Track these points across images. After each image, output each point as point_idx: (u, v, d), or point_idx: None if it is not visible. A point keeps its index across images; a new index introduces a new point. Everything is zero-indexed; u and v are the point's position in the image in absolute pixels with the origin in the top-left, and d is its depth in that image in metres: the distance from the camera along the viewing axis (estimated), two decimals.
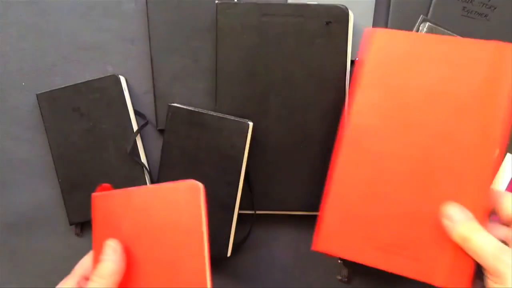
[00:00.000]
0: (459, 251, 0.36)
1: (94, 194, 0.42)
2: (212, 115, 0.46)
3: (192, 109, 0.47)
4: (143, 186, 0.41)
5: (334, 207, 0.41)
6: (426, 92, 0.39)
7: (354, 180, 0.40)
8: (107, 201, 0.41)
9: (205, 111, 0.46)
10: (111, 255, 0.38)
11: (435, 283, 0.37)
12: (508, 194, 0.37)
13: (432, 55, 0.39)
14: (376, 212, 0.39)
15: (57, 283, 0.40)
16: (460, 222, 0.36)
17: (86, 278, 0.41)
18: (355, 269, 0.49)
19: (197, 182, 0.37)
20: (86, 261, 0.42)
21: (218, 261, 0.50)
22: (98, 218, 0.42)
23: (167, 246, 0.37)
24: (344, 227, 0.40)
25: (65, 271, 0.42)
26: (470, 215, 0.36)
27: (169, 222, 0.37)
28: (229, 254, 0.47)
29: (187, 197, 0.37)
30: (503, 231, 0.36)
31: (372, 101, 0.40)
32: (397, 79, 0.40)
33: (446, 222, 0.36)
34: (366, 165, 0.40)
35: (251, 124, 0.46)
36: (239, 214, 0.47)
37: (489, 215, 0.37)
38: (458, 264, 0.36)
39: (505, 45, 0.37)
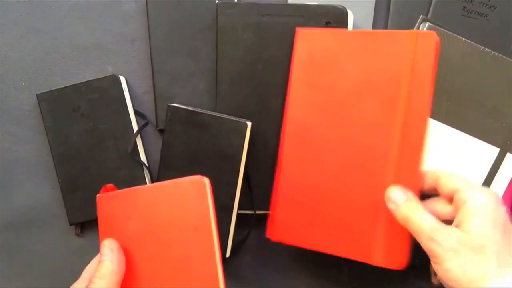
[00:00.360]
0: (392, 232, 0.38)
1: (98, 196, 0.42)
2: (211, 115, 0.46)
3: (191, 109, 0.47)
4: (148, 185, 0.40)
5: (282, 199, 0.44)
6: (353, 85, 0.41)
7: (298, 172, 0.43)
8: (112, 201, 0.41)
9: (203, 111, 0.46)
10: (108, 255, 0.38)
11: (373, 262, 0.39)
12: (446, 172, 0.38)
13: (354, 50, 0.41)
14: (319, 201, 0.42)
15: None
16: (402, 204, 0.36)
17: None
18: (355, 269, 0.49)
19: (203, 177, 0.37)
20: (93, 265, 0.41)
21: None
22: (104, 219, 0.41)
23: (176, 244, 0.37)
24: (293, 217, 0.43)
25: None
26: (410, 195, 0.37)
27: (176, 219, 0.37)
28: (228, 254, 0.47)
29: (193, 193, 0.37)
30: (449, 208, 0.37)
31: (305, 98, 0.43)
32: (325, 75, 0.42)
33: (390, 206, 0.37)
34: (307, 158, 0.43)
35: (249, 123, 0.46)
36: (238, 214, 0.47)
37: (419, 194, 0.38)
38: (392, 244, 0.38)
39: (418, 32, 0.39)
